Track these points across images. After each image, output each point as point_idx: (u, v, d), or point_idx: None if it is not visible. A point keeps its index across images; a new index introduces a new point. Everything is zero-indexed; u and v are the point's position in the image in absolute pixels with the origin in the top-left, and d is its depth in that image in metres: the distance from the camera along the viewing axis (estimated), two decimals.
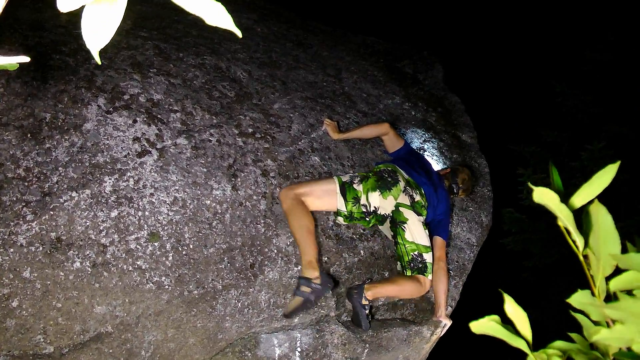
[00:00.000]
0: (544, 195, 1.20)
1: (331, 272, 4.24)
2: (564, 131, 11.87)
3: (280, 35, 6.41)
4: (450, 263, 4.97)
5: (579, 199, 1.30)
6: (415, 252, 4.42)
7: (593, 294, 1.26)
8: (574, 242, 1.25)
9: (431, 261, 4.48)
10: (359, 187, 4.43)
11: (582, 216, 1.30)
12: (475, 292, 7.43)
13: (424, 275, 4.40)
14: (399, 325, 4.39)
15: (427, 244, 4.51)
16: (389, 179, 4.53)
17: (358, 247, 4.46)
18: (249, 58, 5.46)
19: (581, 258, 1.27)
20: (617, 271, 1.26)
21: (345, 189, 4.38)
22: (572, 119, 12.12)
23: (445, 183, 5.02)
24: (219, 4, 0.99)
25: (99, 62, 1.15)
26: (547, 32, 15.23)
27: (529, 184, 1.34)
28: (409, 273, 4.40)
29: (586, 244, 1.26)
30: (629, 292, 1.26)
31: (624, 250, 1.31)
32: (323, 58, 6.38)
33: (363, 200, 4.41)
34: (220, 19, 0.99)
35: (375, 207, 4.44)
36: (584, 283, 1.30)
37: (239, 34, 1.03)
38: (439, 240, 4.66)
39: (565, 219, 1.21)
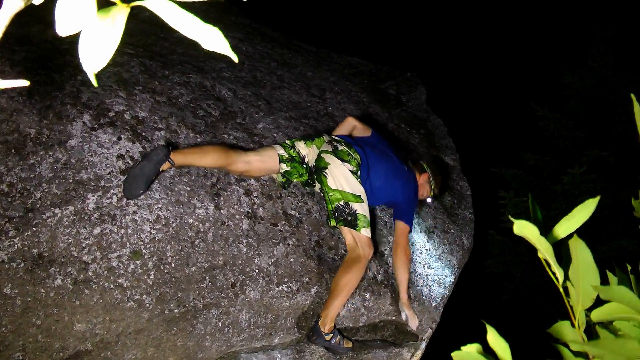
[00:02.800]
0: (524, 228, 1.23)
1: (312, 292, 4.25)
2: (545, 155, 11.97)
3: (265, 54, 6.45)
4: (432, 285, 4.99)
5: (559, 231, 1.33)
6: (341, 202, 4.34)
7: (573, 325, 1.29)
8: (553, 274, 1.28)
9: (365, 213, 4.38)
10: (288, 141, 4.58)
11: (562, 248, 1.33)
12: (456, 314, 7.45)
13: (356, 229, 4.29)
14: (379, 347, 4.40)
15: (357, 192, 4.40)
16: (312, 133, 4.76)
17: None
18: (233, 77, 5.49)
19: (561, 290, 1.29)
20: (597, 302, 1.29)
21: (280, 144, 4.52)
22: (554, 143, 12.23)
23: (411, 166, 5.07)
24: (216, 29, 1.00)
25: (96, 85, 1.16)
26: (528, 57, 15.40)
27: (510, 216, 1.37)
28: (333, 223, 4.34)
29: (566, 276, 1.29)
30: (608, 324, 1.29)
31: (604, 280, 1.34)
32: (307, 78, 6.42)
33: (295, 148, 4.53)
34: (218, 43, 1.00)
35: (303, 154, 4.53)
36: (565, 306, 1.33)
37: (235, 59, 1.04)
38: (400, 224, 4.62)
39: (545, 251, 1.25)
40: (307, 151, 4.54)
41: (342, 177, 4.37)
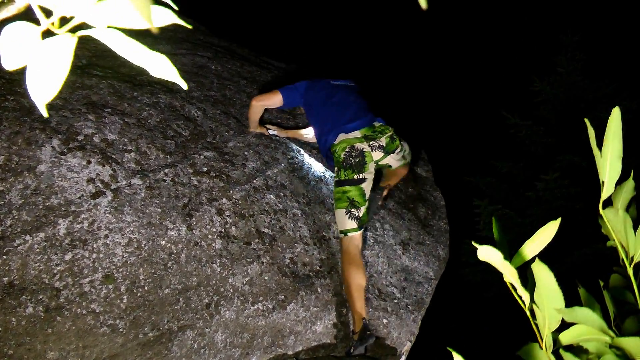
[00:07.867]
0: (488, 254, 1.25)
1: (288, 310, 4.25)
2: (518, 162, 12.08)
3: (234, 72, 6.44)
4: (409, 297, 5.00)
5: (524, 254, 1.35)
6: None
7: (541, 347, 1.31)
8: (520, 297, 1.30)
9: None
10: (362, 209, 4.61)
11: (527, 270, 1.35)
12: (435, 326, 7.47)
13: None
14: None
15: None
16: (357, 159, 4.63)
17: (315, 284, 4.47)
18: (203, 96, 5.47)
19: (528, 313, 1.31)
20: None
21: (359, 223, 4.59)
22: (526, 150, 12.35)
23: None
24: (164, 56, 1.01)
25: (47, 115, 1.16)
26: (497, 65, 15.54)
27: (473, 242, 1.39)
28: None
29: (532, 299, 1.30)
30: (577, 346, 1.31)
31: (575, 299, 1.36)
32: None
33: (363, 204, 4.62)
34: (165, 71, 1.01)
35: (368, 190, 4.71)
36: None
37: (184, 86, 1.05)
38: None
39: (510, 275, 1.26)
40: (369, 182, 4.68)
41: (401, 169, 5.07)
